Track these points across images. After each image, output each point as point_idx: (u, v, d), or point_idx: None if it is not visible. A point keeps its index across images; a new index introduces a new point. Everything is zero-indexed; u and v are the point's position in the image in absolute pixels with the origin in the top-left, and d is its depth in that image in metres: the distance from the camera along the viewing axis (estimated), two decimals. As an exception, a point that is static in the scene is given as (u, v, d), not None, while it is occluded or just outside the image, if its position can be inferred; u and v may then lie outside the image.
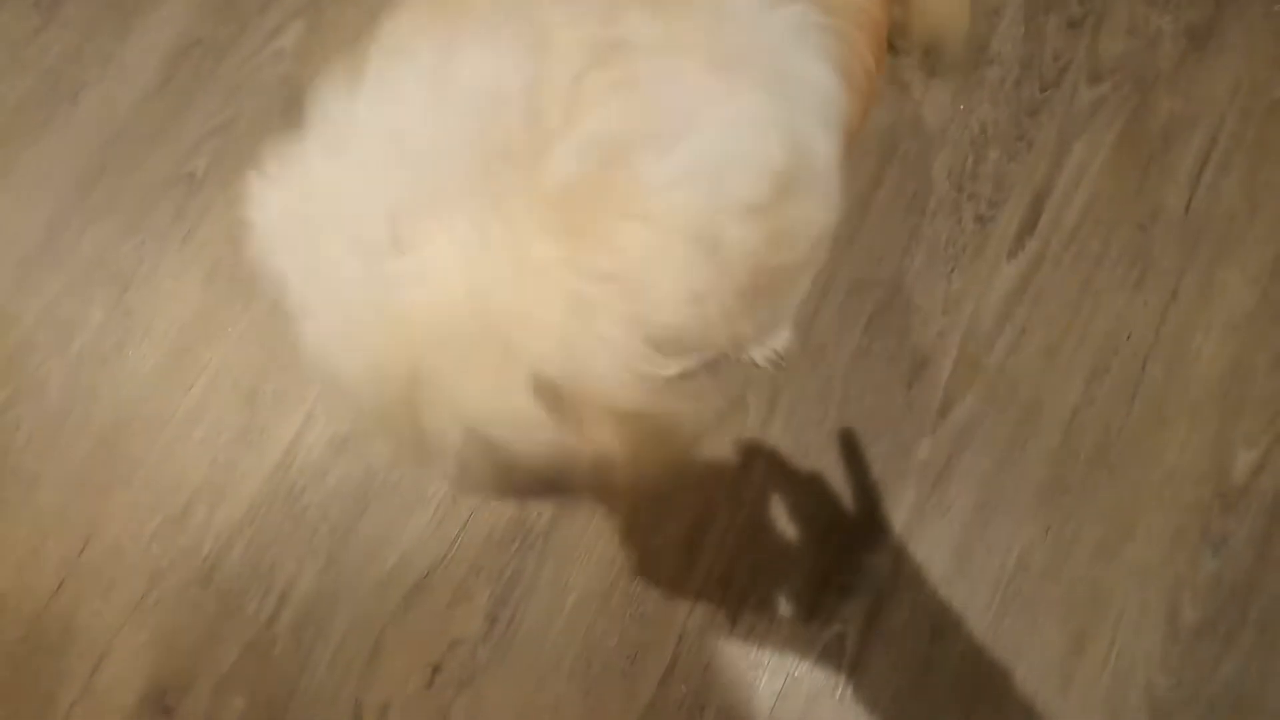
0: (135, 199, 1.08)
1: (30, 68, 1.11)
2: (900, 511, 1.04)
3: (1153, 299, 1.12)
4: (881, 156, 1.13)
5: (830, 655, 1.00)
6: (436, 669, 0.98)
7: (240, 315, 1.06)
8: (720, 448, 1.04)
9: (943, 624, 1.01)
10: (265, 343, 1.06)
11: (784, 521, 1.03)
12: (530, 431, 0.40)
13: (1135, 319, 1.11)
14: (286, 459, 1.03)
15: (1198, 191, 1.16)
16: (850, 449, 1.04)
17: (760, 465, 1.04)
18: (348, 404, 0.42)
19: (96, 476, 1.01)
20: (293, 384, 1.05)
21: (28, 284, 1.06)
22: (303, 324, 0.42)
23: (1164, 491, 1.06)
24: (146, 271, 1.06)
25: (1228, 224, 1.15)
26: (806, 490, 1.04)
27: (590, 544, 1.02)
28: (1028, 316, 1.10)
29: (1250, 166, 1.17)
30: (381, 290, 0.39)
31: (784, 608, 1.00)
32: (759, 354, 1.03)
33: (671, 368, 0.40)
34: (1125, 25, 1.20)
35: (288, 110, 1.12)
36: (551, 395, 0.39)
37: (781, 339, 1.03)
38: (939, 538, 1.04)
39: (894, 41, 0.79)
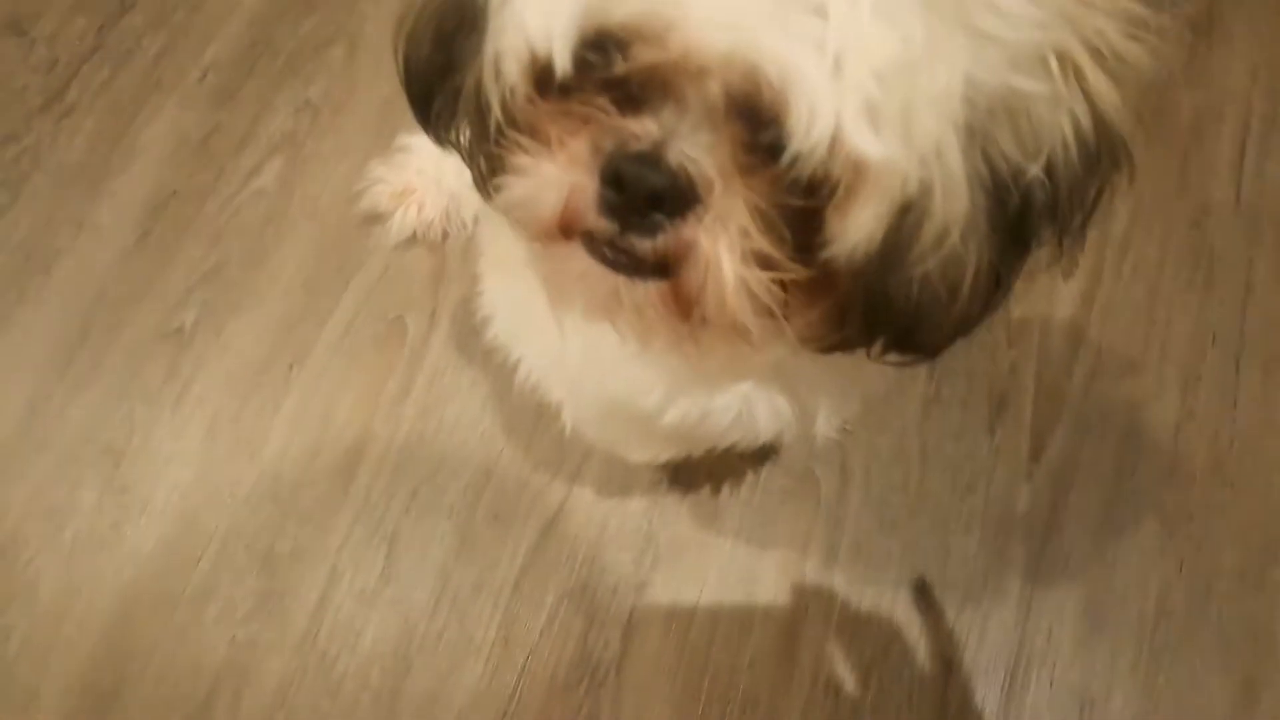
0: (121, 364, 1.00)
1: (1, 248, 1.05)
2: (1014, 574, 0.92)
3: (1227, 296, 1.03)
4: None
5: (972, 753, 0.85)
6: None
7: (246, 471, 0.96)
8: (795, 534, 0.93)
9: (1090, 695, 0.88)
10: (278, 497, 0.95)
11: (887, 604, 0.90)
12: None
13: (1215, 319, 1.02)
14: (313, 625, 0.90)
15: (1243, 180, 1.09)
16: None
17: (846, 545, 0.92)
18: None
19: (103, 680, 0.88)
20: (312, 537, 0.93)
21: (9, 474, 0.95)
22: None
23: (1297, 501, 0.94)
24: (140, 440, 0.97)
25: (1284, 206, 1.08)
26: (905, 566, 0.91)
27: (671, 668, 0.89)
28: (1101, 334, 1.01)
29: (1291, 145, 1.11)
30: None
31: (909, 707, 0.87)
32: (825, 427, 0.93)
33: None
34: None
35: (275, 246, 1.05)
36: None
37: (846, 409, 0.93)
38: (1063, 597, 0.91)
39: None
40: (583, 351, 0.61)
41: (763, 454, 0.93)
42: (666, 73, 0.39)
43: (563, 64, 0.39)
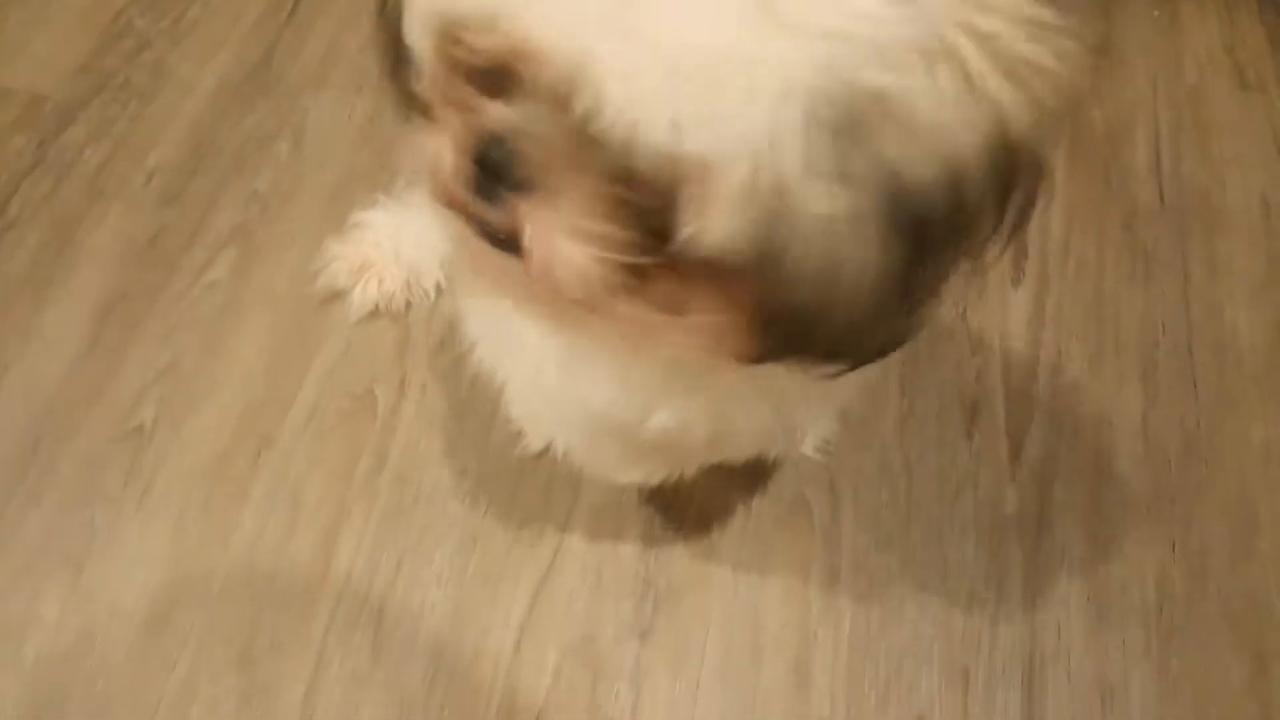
0: (77, 471, 0.96)
1: (-58, 367, 1.01)
2: (1014, 575, 0.91)
3: (1168, 288, 1.08)
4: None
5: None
6: None
7: (218, 563, 0.91)
8: (794, 560, 0.91)
9: (1109, 685, 0.86)
10: (254, 589, 0.90)
11: (895, 619, 0.88)
12: None
13: (1161, 310, 1.06)
14: (304, 717, 0.85)
15: (1163, 181, 1.16)
16: None
17: (846, 566, 0.91)
18: None
19: (74, 808, 0.81)
20: (292, 627, 0.89)
21: (-38, 599, 0.90)
22: None
23: (1269, 470, 0.97)
24: (102, 545, 0.92)
25: (1204, 201, 1.14)
26: (907, 579, 0.90)
27: (686, 714, 0.85)
28: (1057, 335, 1.04)
29: (1200, 146, 1.18)
30: None
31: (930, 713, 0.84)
32: (807, 446, 0.93)
33: None
34: (1030, 57, 1.24)
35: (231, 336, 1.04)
36: None
37: (826, 424, 0.94)
38: (1066, 591, 0.91)
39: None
40: (558, 365, 0.61)
41: (752, 481, 0.92)
42: (509, 62, 0.41)
43: (420, 52, 0.44)
